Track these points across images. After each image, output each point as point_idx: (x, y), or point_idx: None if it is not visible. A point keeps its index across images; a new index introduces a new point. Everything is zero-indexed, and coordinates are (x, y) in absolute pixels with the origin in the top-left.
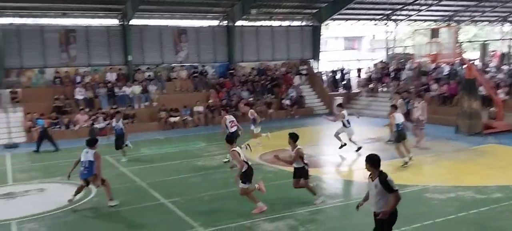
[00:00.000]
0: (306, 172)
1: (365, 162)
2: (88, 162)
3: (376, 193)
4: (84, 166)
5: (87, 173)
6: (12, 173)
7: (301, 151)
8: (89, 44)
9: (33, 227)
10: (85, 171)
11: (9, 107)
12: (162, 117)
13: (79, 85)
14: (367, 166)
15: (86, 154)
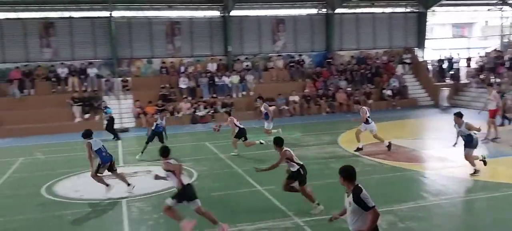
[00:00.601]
0: (302, 175)
1: (339, 174)
2: (103, 147)
3: (351, 211)
4: (105, 151)
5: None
6: (123, 155)
7: (289, 153)
8: (192, 36)
9: (141, 205)
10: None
11: (120, 94)
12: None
13: (183, 75)
14: (340, 179)
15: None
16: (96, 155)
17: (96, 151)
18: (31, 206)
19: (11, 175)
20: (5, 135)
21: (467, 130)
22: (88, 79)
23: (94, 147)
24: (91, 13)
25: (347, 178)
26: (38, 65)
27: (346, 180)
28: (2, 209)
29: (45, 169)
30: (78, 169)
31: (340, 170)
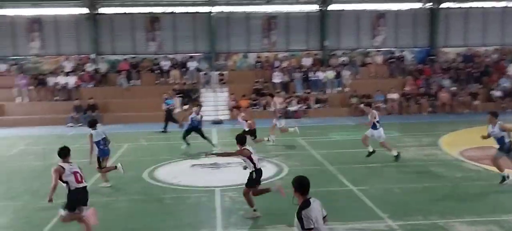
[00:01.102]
0: (253, 179)
1: (292, 184)
2: (103, 140)
3: (295, 225)
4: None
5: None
6: (217, 146)
7: (248, 152)
8: (288, 30)
9: (233, 195)
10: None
11: (217, 87)
12: (354, 102)
13: (277, 69)
14: (293, 190)
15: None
16: (95, 147)
17: (95, 143)
18: (134, 188)
19: (117, 159)
20: (113, 121)
21: (501, 131)
22: (188, 72)
23: (95, 138)
24: (193, 8)
25: (298, 189)
26: (144, 57)
27: (298, 191)
28: (109, 190)
29: (148, 154)
30: (177, 157)
31: (293, 180)
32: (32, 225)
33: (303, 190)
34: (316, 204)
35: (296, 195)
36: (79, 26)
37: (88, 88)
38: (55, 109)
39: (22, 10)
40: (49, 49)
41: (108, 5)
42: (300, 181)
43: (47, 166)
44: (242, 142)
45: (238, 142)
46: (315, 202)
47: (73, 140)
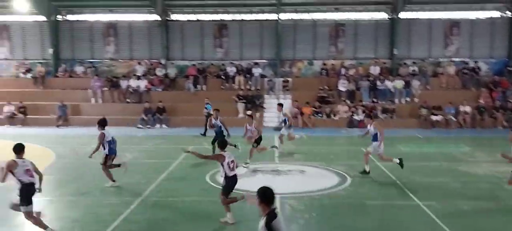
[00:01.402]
0: (226, 186)
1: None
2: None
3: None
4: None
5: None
6: (279, 152)
7: (222, 158)
8: (356, 38)
9: (293, 203)
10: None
11: (280, 94)
12: (423, 114)
13: (343, 77)
14: (257, 200)
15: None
16: (106, 145)
17: (107, 142)
18: (196, 190)
19: (182, 161)
20: (179, 124)
21: None
22: (253, 79)
23: (107, 138)
24: (261, 15)
25: (263, 200)
26: (211, 63)
27: (262, 202)
28: (173, 190)
29: None
30: (238, 161)
31: (258, 191)
32: (100, 220)
33: (268, 200)
34: (280, 216)
35: (261, 206)
36: (151, 32)
37: (157, 91)
38: (127, 111)
39: (99, 16)
40: (122, 54)
41: (179, 12)
42: (264, 192)
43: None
44: (222, 147)
45: (219, 146)
46: (280, 215)
47: (142, 141)
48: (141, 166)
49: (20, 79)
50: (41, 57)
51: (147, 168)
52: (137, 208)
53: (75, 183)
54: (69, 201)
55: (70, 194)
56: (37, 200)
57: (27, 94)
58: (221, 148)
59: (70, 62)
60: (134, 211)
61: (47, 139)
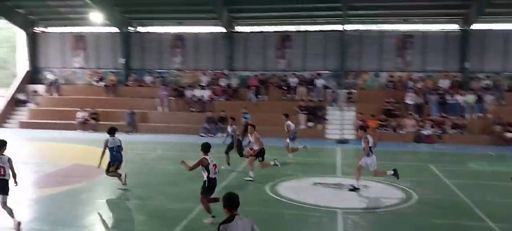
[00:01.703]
0: (206, 187)
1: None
2: (117, 147)
3: None
4: (116, 151)
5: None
6: (341, 166)
7: (206, 162)
8: (425, 50)
9: (356, 219)
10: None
11: (344, 106)
12: (497, 130)
13: (410, 90)
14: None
15: (113, 141)
16: (109, 152)
17: (109, 149)
18: (256, 200)
19: (242, 170)
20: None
21: None
22: (315, 90)
23: (109, 145)
24: (325, 26)
25: (225, 205)
26: (273, 74)
27: (225, 207)
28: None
29: (271, 168)
30: (299, 173)
31: (223, 196)
32: (165, 224)
33: (230, 206)
34: (242, 222)
35: (224, 211)
36: (216, 43)
37: (220, 101)
38: (190, 119)
39: (168, 28)
40: (188, 64)
41: (244, 24)
42: (227, 197)
43: (181, 171)
44: (205, 151)
45: (202, 150)
46: (242, 220)
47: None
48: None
49: (93, 87)
50: (113, 66)
51: None
52: (198, 215)
53: (141, 187)
54: (136, 204)
55: (136, 198)
56: (103, 203)
57: (99, 102)
58: (204, 152)
59: (139, 72)
60: (196, 217)
61: None
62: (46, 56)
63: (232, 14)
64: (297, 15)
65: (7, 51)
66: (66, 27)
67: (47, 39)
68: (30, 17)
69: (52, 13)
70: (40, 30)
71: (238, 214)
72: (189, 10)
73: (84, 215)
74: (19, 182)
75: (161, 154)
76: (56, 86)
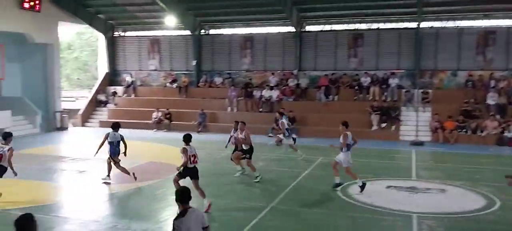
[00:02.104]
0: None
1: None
2: (117, 142)
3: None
4: (115, 145)
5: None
6: (416, 169)
7: (186, 151)
8: (509, 47)
9: (432, 224)
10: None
11: (419, 106)
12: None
13: (492, 90)
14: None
15: (114, 136)
16: (108, 146)
17: (109, 143)
18: (327, 202)
19: (311, 171)
20: (309, 134)
21: None
22: (389, 90)
23: (110, 139)
24: (399, 24)
25: (177, 199)
26: (343, 73)
27: (177, 201)
28: (302, 200)
29: (341, 170)
30: (372, 176)
31: (175, 191)
32: (235, 223)
33: (183, 200)
34: (195, 214)
35: (178, 204)
36: (285, 43)
37: (289, 101)
38: (259, 119)
39: (237, 30)
40: (257, 65)
41: (314, 23)
42: (179, 192)
43: (248, 171)
44: (187, 141)
45: (184, 140)
46: (195, 213)
47: (273, 149)
48: (272, 173)
49: (167, 89)
50: (185, 68)
51: (278, 176)
52: (267, 215)
53: (211, 185)
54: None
55: (207, 195)
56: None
57: (172, 102)
58: (186, 142)
59: (210, 73)
60: (265, 218)
61: None
62: (124, 59)
63: (302, 13)
64: (369, 13)
65: (89, 54)
66: (142, 31)
67: (125, 43)
68: (110, 22)
69: (130, 18)
70: (119, 35)
71: (191, 207)
72: (259, 11)
73: (158, 210)
74: (98, 178)
75: (230, 153)
76: (133, 87)
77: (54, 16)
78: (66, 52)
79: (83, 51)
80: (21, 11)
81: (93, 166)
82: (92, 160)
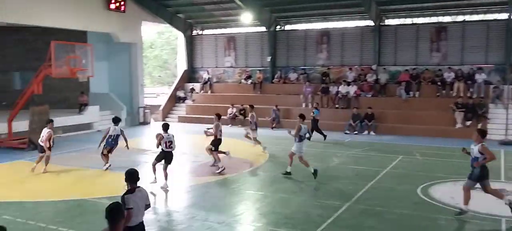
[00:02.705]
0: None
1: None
2: (116, 136)
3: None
4: (112, 139)
5: (114, 143)
6: (505, 170)
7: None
8: None
9: None
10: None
11: (510, 103)
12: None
13: None
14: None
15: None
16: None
17: (109, 135)
18: (406, 202)
19: (390, 170)
20: (388, 132)
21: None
22: (475, 85)
23: (110, 132)
24: (487, 16)
25: (127, 180)
26: (425, 68)
27: (126, 181)
28: (381, 199)
29: (422, 170)
30: (455, 176)
31: (125, 172)
32: (310, 220)
33: (131, 180)
34: (141, 194)
35: (127, 183)
36: (363, 38)
37: (367, 97)
38: (335, 116)
39: (313, 25)
40: (334, 60)
41: (394, 17)
42: (128, 173)
43: (325, 168)
44: (165, 129)
45: (162, 128)
46: (141, 193)
47: (349, 146)
48: (348, 171)
49: (242, 85)
50: (260, 64)
51: (355, 174)
52: (344, 213)
53: (286, 182)
54: (281, 198)
55: (282, 191)
56: (252, 193)
57: (247, 98)
58: (164, 130)
59: (284, 69)
60: (342, 216)
61: (262, 139)
62: (201, 56)
63: (381, 6)
64: (453, 5)
65: (168, 53)
66: (219, 29)
67: (202, 41)
68: (189, 21)
69: (207, 17)
70: (197, 33)
71: (139, 187)
72: (336, 5)
73: (234, 204)
74: (178, 170)
75: (305, 150)
76: (210, 84)
77: (138, 16)
78: (148, 51)
79: (163, 50)
80: (108, 12)
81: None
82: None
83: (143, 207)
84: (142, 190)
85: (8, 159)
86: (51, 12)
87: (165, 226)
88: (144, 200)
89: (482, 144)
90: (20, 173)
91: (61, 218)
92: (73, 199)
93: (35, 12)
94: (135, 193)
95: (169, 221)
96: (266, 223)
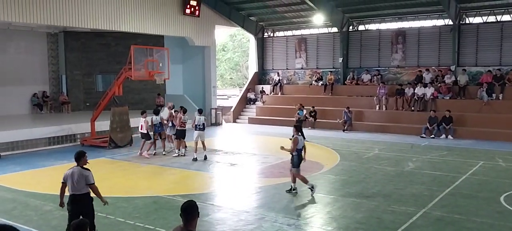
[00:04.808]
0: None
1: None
2: (159, 124)
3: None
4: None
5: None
6: None
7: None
8: None
9: None
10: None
11: None
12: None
13: None
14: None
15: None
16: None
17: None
18: (488, 211)
19: (469, 176)
20: (468, 136)
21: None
22: None
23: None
24: None
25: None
26: (510, 69)
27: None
28: (460, 207)
29: (506, 177)
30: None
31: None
32: (383, 226)
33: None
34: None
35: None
36: (441, 37)
37: (445, 100)
38: (410, 119)
39: (388, 25)
40: (409, 61)
41: (475, 15)
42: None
43: (399, 172)
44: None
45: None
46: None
47: (426, 151)
48: (424, 176)
49: (312, 86)
50: (331, 66)
51: (431, 180)
52: (419, 220)
53: (358, 185)
54: (353, 202)
55: (353, 195)
56: (322, 196)
57: (317, 100)
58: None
59: (357, 70)
60: (416, 223)
61: (333, 141)
62: (272, 58)
63: (461, 4)
64: None
65: (240, 55)
66: (290, 31)
67: (273, 43)
68: (260, 24)
69: (279, 19)
70: (268, 35)
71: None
72: (412, 4)
73: (303, 206)
74: (248, 171)
75: (378, 153)
76: (280, 86)
77: (211, 20)
78: (220, 54)
79: (235, 53)
80: (183, 17)
81: (243, 160)
82: (243, 154)
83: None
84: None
85: (91, 157)
86: (131, 18)
87: (234, 226)
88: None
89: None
90: (102, 170)
91: (138, 214)
92: (149, 195)
93: (117, 18)
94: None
95: (238, 220)
96: (337, 227)
